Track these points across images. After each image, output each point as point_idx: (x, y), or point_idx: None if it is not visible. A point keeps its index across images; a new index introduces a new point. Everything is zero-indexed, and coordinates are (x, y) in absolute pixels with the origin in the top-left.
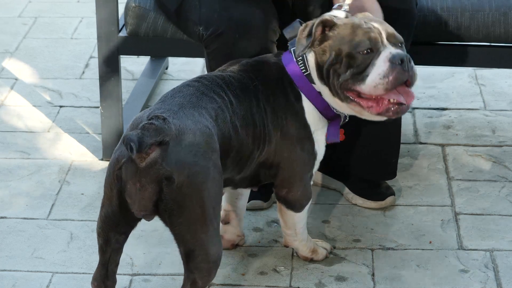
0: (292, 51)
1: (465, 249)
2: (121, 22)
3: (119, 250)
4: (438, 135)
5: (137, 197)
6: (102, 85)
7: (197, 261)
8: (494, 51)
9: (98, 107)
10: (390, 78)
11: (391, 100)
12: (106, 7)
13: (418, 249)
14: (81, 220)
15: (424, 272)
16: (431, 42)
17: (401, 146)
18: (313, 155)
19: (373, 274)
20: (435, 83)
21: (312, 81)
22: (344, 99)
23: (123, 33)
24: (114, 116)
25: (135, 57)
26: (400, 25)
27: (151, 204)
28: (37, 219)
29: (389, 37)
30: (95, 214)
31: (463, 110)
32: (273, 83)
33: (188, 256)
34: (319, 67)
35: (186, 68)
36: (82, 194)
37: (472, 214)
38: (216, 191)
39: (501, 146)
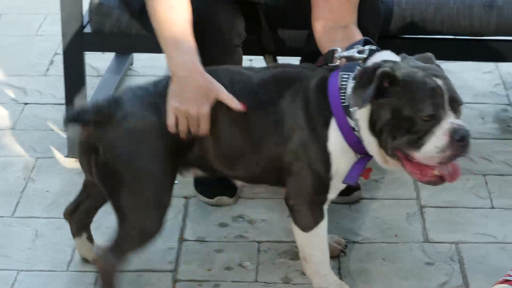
0: (340, 77)
1: (430, 242)
2: (86, 19)
3: (96, 199)
4: None
5: (82, 164)
6: (67, 82)
7: (122, 231)
8: (459, 44)
9: (62, 104)
10: (448, 153)
11: (436, 172)
12: (71, 4)
13: (384, 242)
14: (46, 218)
15: (390, 266)
16: (396, 35)
17: None
18: (327, 180)
19: (339, 268)
20: None
21: (347, 114)
22: (392, 156)
23: (87, 30)
24: None
25: (99, 53)
26: (366, 19)
27: (89, 173)
28: (2, 217)
29: (452, 100)
30: (60, 211)
31: None
32: (312, 97)
33: (117, 223)
34: (372, 121)
35: (151, 64)
36: (47, 191)
37: (437, 207)
38: (148, 176)
39: None
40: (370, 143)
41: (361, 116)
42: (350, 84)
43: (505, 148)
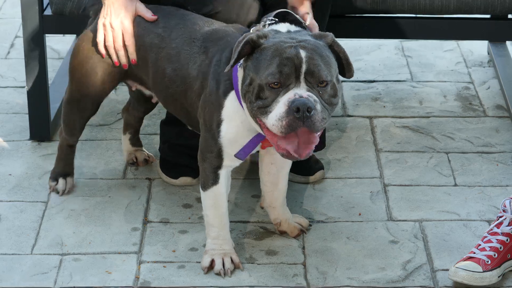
0: None
1: (394, 220)
2: (46, 1)
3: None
4: (365, 108)
5: None
6: (27, 65)
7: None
8: (420, 22)
9: (24, 87)
10: (283, 123)
11: (289, 147)
12: None
13: (348, 221)
14: (10, 201)
15: (354, 244)
16: (357, 14)
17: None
18: (219, 144)
19: (303, 247)
20: (362, 55)
21: None
22: (256, 123)
23: (48, 12)
24: (41, 96)
25: (60, 35)
26: None
27: None
28: None
29: (307, 73)
30: (23, 194)
31: (390, 82)
32: (221, 61)
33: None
34: (241, 87)
35: None
36: (10, 174)
37: (400, 185)
38: (87, 71)
39: (428, 117)
40: (244, 108)
41: (239, 81)
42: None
43: (467, 125)
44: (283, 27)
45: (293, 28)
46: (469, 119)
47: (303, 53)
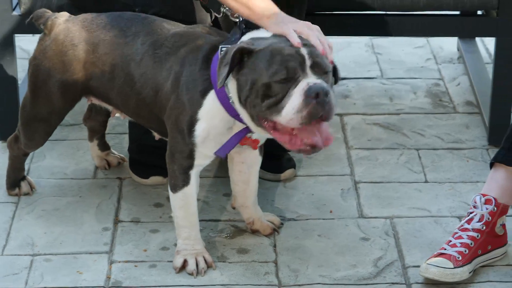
0: (220, 50)
1: (365, 217)
2: (15, 1)
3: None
4: (336, 105)
5: None
6: None
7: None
8: (390, 19)
9: None
10: (304, 112)
11: (305, 141)
12: None
13: (319, 219)
14: None
15: (326, 242)
16: (327, 12)
17: None
18: (191, 145)
19: (274, 246)
20: (332, 53)
21: (227, 87)
22: (260, 126)
23: (17, 12)
24: (10, 96)
25: (30, 35)
26: None
27: None
28: None
29: (313, 65)
30: None
31: (360, 79)
32: (197, 61)
33: None
34: (238, 94)
35: None
36: None
37: (371, 182)
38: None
39: (398, 114)
40: (243, 114)
41: (232, 90)
42: None
43: (437, 122)
44: (263, 32)
45: (260, 33)
46: (439, 116)
47: (304, 50)
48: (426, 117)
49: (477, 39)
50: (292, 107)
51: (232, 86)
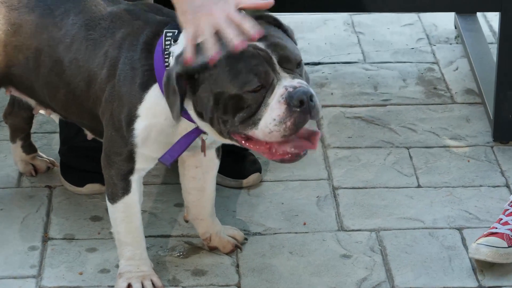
0: (164, 36)
1: (346, 230)
2: None
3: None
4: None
5: None
6: None
7: None
8: None
9: None
10: (288, 124)
11: (288, 148)
12: None
13: (290, 232)
14: None
15: (298, 260)
16: None
17: None
18: (131, 145)
19: (237, 266)
20: (305, 33)
21: None
22: (231, 140)
23: None
24: None
25: None
26: None
27: None
28: None
29: (282, 61)
30: None
31: (338, 64)
32: (137, 46)
33: None
34: (198, 112)
35: None
36: None
37: (353, 188)
38: None
39: (385, 105)
40: (205, 127)
41: (188, 106)
42: (173, 48)
43: (431, 114)
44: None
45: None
46: (434, 107)
47: (261, 44)
48: (418, 108)
49: (479, 14)
50: (271, 118)
51: (187, 102)
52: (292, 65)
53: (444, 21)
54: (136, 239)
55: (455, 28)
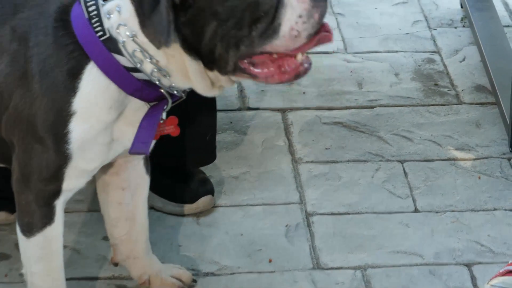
0: (83, 2)
1: (323, 269)
2: None
3: None
4: (276, 95)
5: None
6: None
7: None
8: None
9: None
10: (316, 16)
11: (298, 58)
12: None
13: (252, 272)
14: None
15: None
16: None
17: (220, 115)
18: (62, 157)
19: None
20: None
21: (116, 50)
22: (233, 71)
23: None
24: None
25: None
26: None
27: None
28: None
29: None
30: None
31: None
32: (47, 28)
33: None
34: (191, 42)
35: None
36: None
37: (332, 214)
38: None
39: (372, 107)
40: (182, 70)
41: (145, 65)
42: (104, 7)
43: (432, 118)
44: None
45: None
46: (435, 109)
47: None
48: (414, 111)
49: None
50: (297, 16)
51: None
52: None
53: None
54: (56, 282)
55: (461, 7)
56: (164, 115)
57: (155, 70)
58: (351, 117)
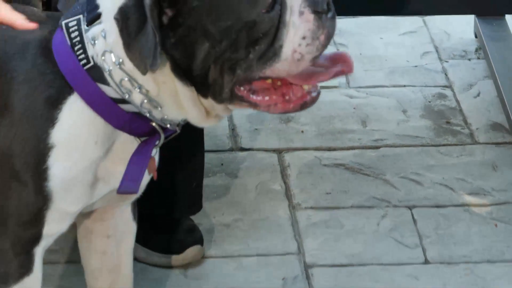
0: (65, 28)
1: None
2: None
3: None
4: (271, 134)
5: None
6: None
7: None
8: None
9: None
10: (322, 38)
11: (305, 87)
12: None
13: None
14: None
15: None
16: None
17: (209, 156)
18: (41, 198)
19: None
20: None
21: (101, 79)
22: (230, 99)
23: None
24: None
25: None
26: None
27: None
28: None
29: None
30: None
31: None
32: (28, 56)
33: None
34: (179, 67)
35: None
36: None
37: (333, 266)
38: None
39: (377, 147)
40: (175, 100)
41: (147, 76)
42: (88, 32)
43: (443, 160)
44: None
45: None
46: (447, 149)
47: None
48: (424, 151)
49: (508, 17)
50: (300, 38)
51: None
52: None
53: (460, 27)
54: None
55: (476, 37)
56: (154, 151)
57: (145, 101)
58: (354, 159)
